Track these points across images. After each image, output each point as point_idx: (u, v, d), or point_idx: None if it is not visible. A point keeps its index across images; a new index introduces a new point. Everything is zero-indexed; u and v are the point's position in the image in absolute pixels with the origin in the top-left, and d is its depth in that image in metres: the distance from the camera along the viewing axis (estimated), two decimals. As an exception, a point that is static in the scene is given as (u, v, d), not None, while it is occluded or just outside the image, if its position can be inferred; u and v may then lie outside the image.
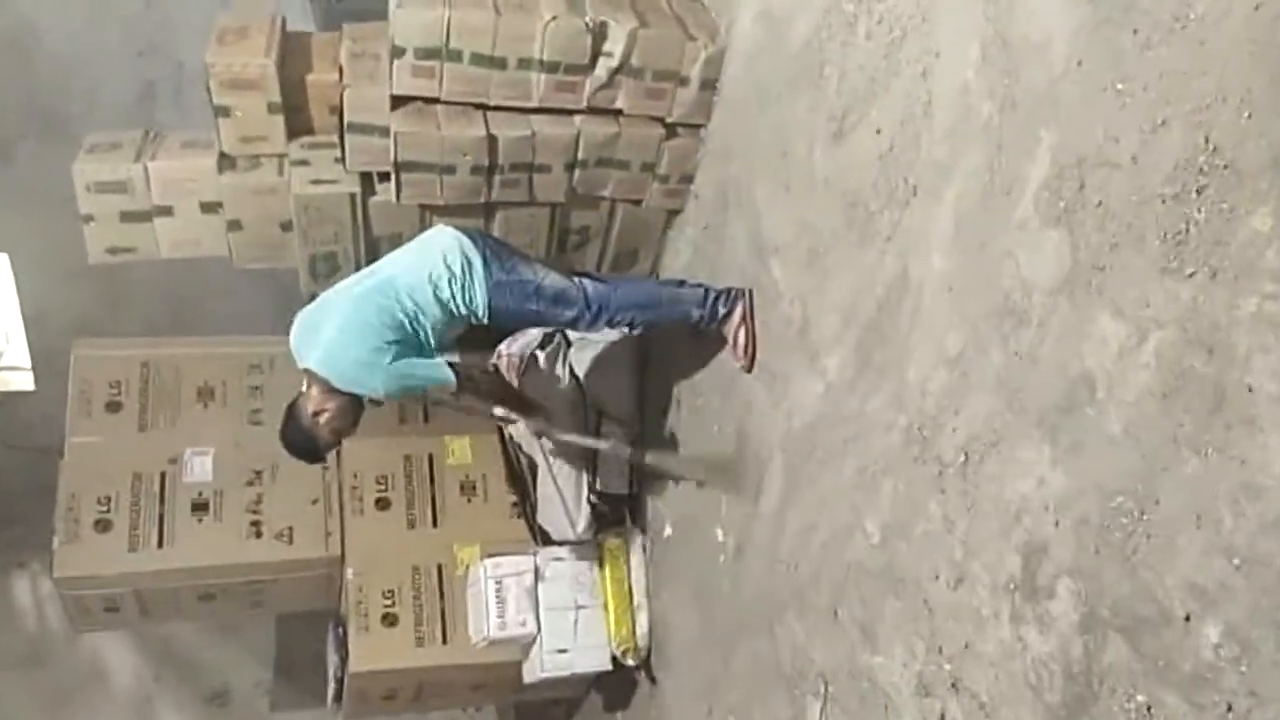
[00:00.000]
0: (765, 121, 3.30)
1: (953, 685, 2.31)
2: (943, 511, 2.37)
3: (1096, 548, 1.89)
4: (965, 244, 2.30)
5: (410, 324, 3.13)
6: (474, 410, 3.75)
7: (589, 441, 4.02)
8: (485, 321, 3.31)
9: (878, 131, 2.64)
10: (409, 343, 3.12)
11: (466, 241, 3.26)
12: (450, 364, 3.21)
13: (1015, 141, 2.13)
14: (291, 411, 3.25)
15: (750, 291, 3.39)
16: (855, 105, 2.75)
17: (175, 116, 5.42)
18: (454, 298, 3.19)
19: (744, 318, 3.39)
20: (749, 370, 3.40)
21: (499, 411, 3.64)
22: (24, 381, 6.50)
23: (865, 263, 2.70)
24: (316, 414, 3.18)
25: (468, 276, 3.20)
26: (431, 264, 3.18)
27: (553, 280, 3.32)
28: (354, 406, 3.20)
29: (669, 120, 3.73)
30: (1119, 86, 1.86)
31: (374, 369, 3.07)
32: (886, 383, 2.60)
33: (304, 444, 3.29)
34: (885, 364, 2.62)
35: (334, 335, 3.10)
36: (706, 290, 3.44)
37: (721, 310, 3.42)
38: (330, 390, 3.13)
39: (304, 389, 3.22)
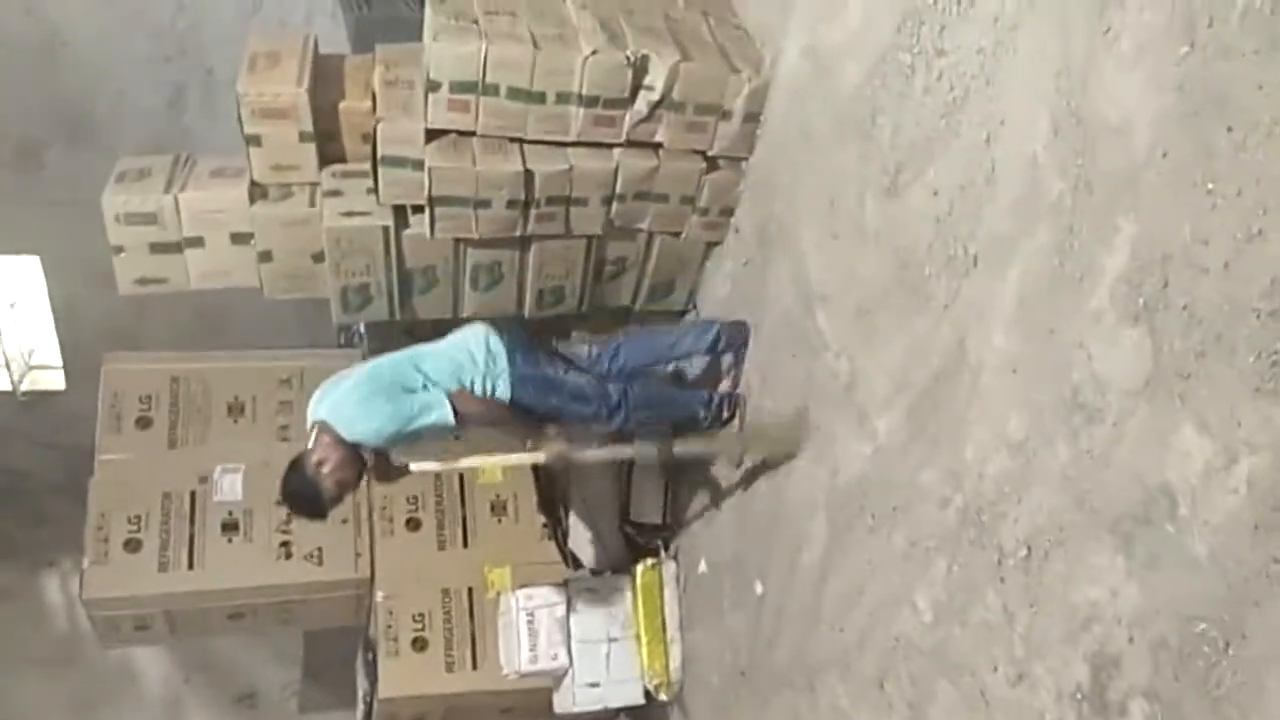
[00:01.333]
0: (812, 163, 3.18)
1: (1010, 787, 2.22)
2: (1002, 602, 2.27)
3: (1175, 674, 1.79)
4: (1030, 326, 2.19)
5: (423, 385, 3.30)
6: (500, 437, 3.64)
7: (611, 453, 3.75)
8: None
9: (935, 193, 2.52)
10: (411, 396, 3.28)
11: (494, 336, 3.49)
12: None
13: (1090, 226, 2.01)
14: (294, 463, 3.29)
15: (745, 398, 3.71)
16: (911, 161, 2.63)
17: (204, 123, 5.37)
18: (474, 383, 3.39)
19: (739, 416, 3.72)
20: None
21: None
22: (55, 381, 6.50)
23: (919, 328, 2.59)
24: (320, 464, 3.21)
25: (491, 367, 3.41)
26: (460, 357, 3.43)
27: (574, 379, 3.56)
28: (357, 459, 3.25)
29: (710, 153, 3.61)
30: (1209, 186, 1.74)
31: (377, 408, 3.21)
32: (940, 456, 2.50)
33: (307, 495, 3.28)
34: (939, 436, 2.51)
35: (348, 386, 3.29)
36: (710, 397, 3.75)
37: (724, 415, 3.72)
38: (336, 441, 3.21)
39: (310, 443, 3.27)
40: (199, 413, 4.85)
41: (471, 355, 3.41)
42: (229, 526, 4.68)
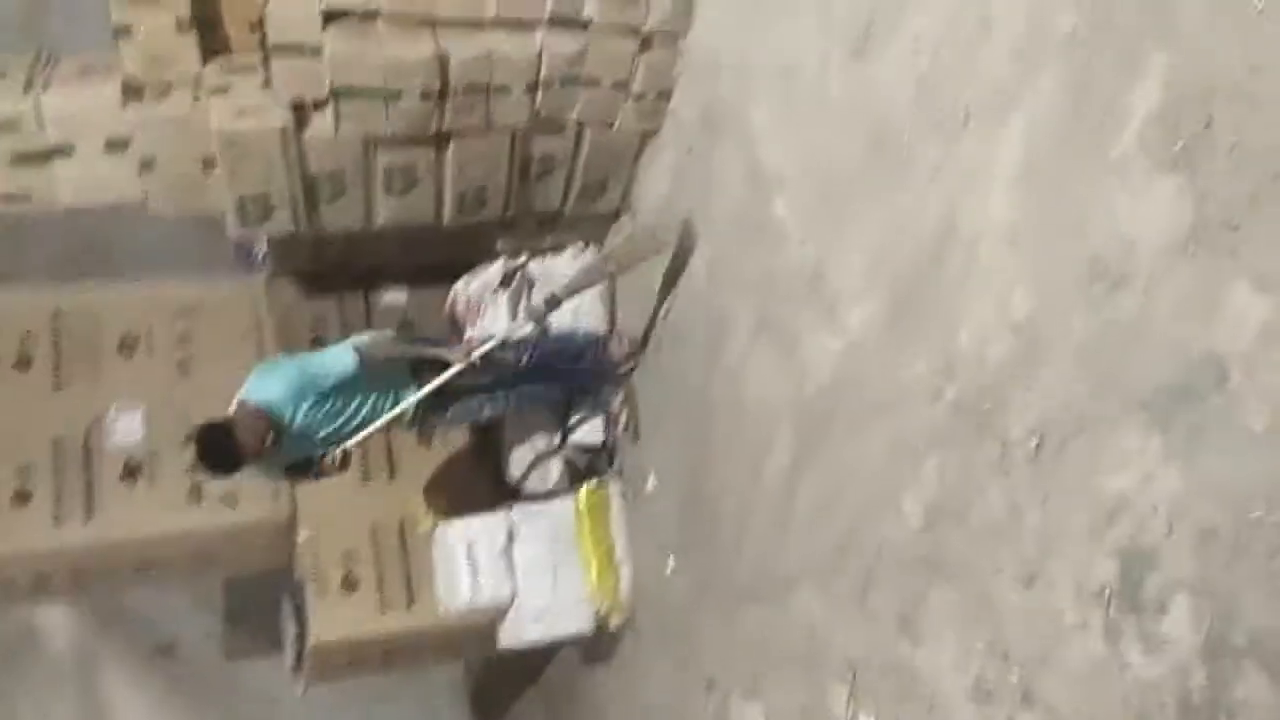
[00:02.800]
0: (761, 32, 2.87)
1: (1024, 697, 2.02)
2: (1008, 499, 2.05)
3: (1227, 564, 1.58)
4: (1036, 187, 1.93)
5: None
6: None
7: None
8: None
9: (914, 48, 2.24)
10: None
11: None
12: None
13: (1111, 62, 1.75)
14: (206, 421, 3.22)
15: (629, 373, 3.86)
16: (882, 14, 2.34)
17: (69, 28, 4.81)
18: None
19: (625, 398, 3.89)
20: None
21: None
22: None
23: (898, 204, 2.33)
24: (233, 415, 3.20)
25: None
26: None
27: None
28: (268, 417, 3.22)
29: (644, 30, 3.27)
30: (1259, 5, 1.48)
31: (282, 368, 3.29)
32: (928, 345, 2.25)
33: (222, 436, 3.16)
34: (926, 323, 2.26)
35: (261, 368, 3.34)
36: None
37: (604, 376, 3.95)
38: (249, 405, 3.22)
39: None
40: (87, 349, 4.41)
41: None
42: (131, 471, 4.28)
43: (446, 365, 3.46)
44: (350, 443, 3.51)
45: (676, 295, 3.51)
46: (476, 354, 3.44)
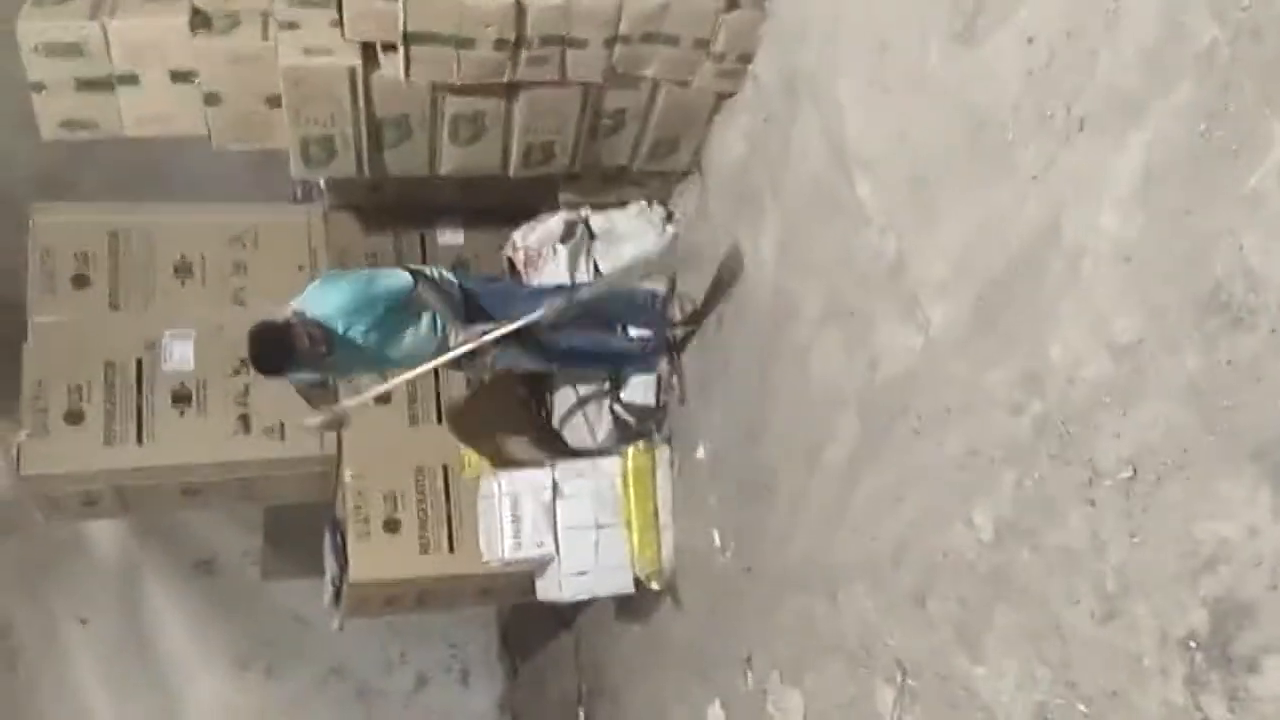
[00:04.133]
0: (858, 0, 2.72)
1: (1090, 733, 1.95)
2: (1091, 529, 1.95)
3: (1336, 635, 1.49)
4: (1157, 207, 1.81)
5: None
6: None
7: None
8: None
9: (1029, 39, 2.09)
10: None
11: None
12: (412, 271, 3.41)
13: (1255, 84, 1.61)
14: (264, 320, 3.23)
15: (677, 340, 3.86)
16: (995, -1, 2.19)
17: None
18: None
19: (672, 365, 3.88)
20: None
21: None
22: (-19, 235, 5.95)
23: (995, 203, 2.20)
24: (289, 320, 3.20)
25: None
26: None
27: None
28: (323, 330, 3.23)
29: (730, -13, 3.14)
30: None
31: (336, 283, 3.30)
32: (1015, 355, 2.15)
33: (278, 336, 3.16)
34: (1015, 332, 2.15)
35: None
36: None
37: (652, 347, 3.91)
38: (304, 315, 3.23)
39: None
40: (142, 272, 4.39)
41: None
42: (180, 397, 4.29)
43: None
44: (390, 384, 3.52)
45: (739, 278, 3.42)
46: (523, 322, 3.41)
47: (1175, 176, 1.77)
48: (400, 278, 3.36)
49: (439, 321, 3.50)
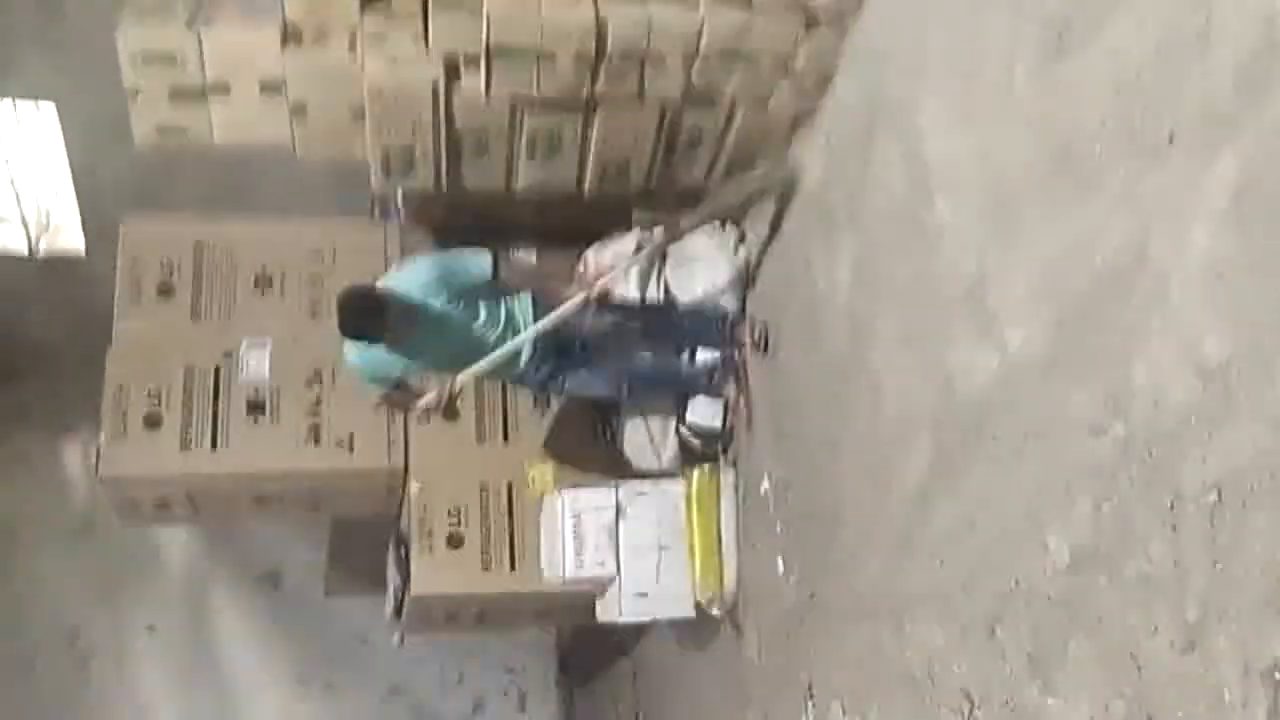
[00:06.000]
0: (940, 18, 2.70)
1: (1167, 768, 1.87)
2: (1173, 555, 1.89)
3: None
4: (1249, 223, 1.75)
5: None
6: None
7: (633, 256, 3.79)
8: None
9: (1117, 55, 2.06)
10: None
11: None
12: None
13: (1356, 96, 1.56)
14: (357, 284, 3.35)
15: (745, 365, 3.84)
16: (1084, 14, 2.16)
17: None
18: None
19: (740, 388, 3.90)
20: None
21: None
22: (74, 241, 6.14)
23: (1080, 221, 2.16)
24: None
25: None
26: None
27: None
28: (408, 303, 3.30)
29: (812, 7, 3.13)
30: None
31: (419, 259, 3.41)
32: (1099, 377, 2.09)
33: (370, 298, 3.25)
34: (1098, 353, 2.10)
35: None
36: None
37: (720, 374, 3.96)
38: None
39: None
40: (224, 283, 4.50)
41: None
42: (255, 406, 4.37)
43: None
44: (465, 375, 3.47)
45: (814, 287, 3.39)
46: (600, 284, 3.45)
47: (1268, 193, 1.72)
48: (480, 260, 3.39)
49: (516, 310, 3.53)
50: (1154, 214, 1.96)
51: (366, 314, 3.21)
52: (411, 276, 3.36)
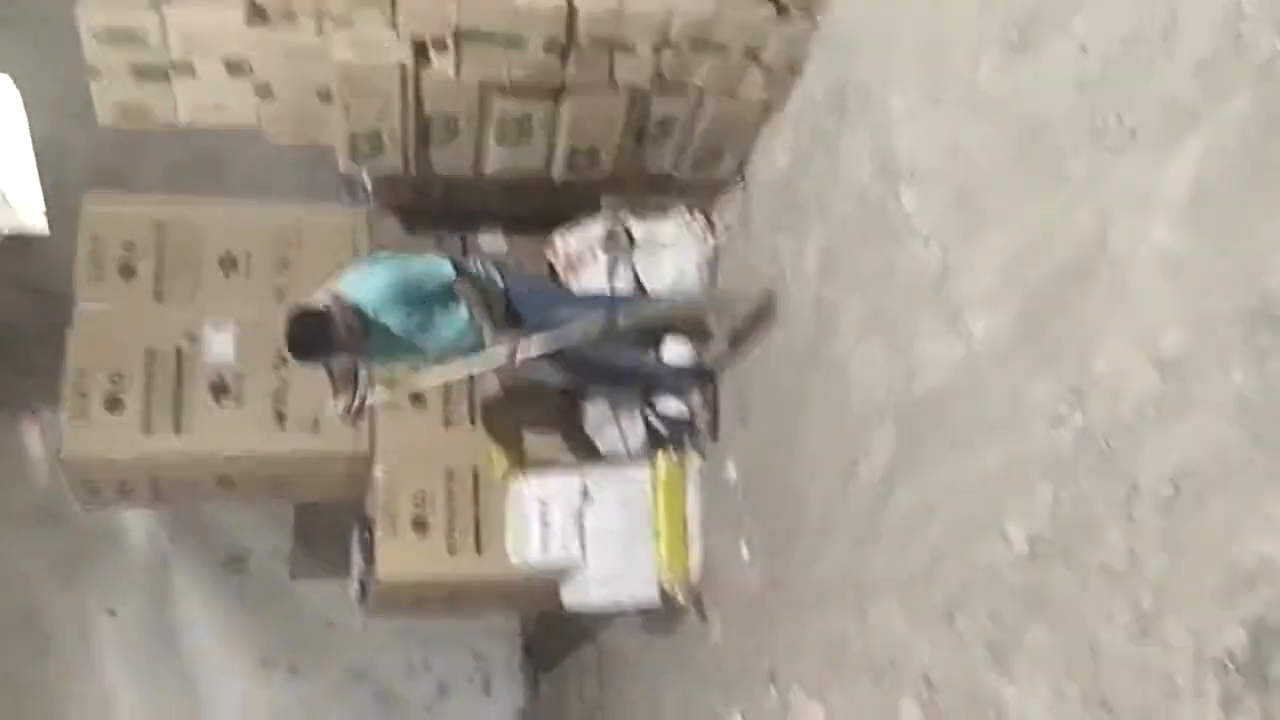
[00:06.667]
0: (911, 13, 2.71)
1: (1121, 754, 1.90)
2: (1129, 545, 1.92)
3: (1383, 659, 1.45)
4: (1209, 218, 1.78)
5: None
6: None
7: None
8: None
9: (1082, 48, 2.08)
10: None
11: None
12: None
13: (1315, 95, 1.59)
14: (303, 305, 3.25)
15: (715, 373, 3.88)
16: (1050, 8, 2.18)
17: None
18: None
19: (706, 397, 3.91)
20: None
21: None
22: (36, 221, 6.03)
23: (1043, 214, 2.18)
24: (327, 304, 3.21)
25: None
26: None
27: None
28: (361, 315, 3.25)
29: (782, -1, 3.15)
30: None
31: (374, 269, 3.31)
32: (1059, 368, 2.12)
33: (316, 325, 3.19)
34: (1060, 345, 2.12)
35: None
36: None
37: (689, 378, 3.93)
38: (342, 300, 3.23)
39: None
40: (188, 264, 4.44)
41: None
42: (218, 389, 4.32)
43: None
44: (425, 382, 3.60)
45: (781, 276, 3.41)
46: (555, 345, 3.41)
47: (1228, 187, 1.74)
48: (441, 266, 3.38)
49: (472, 333, 3.50)
50: (1115, 207, 1.99)
51: (314, 342, 3.20)
52: (367, 284, 3.30)
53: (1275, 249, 1.64)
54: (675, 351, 3.95)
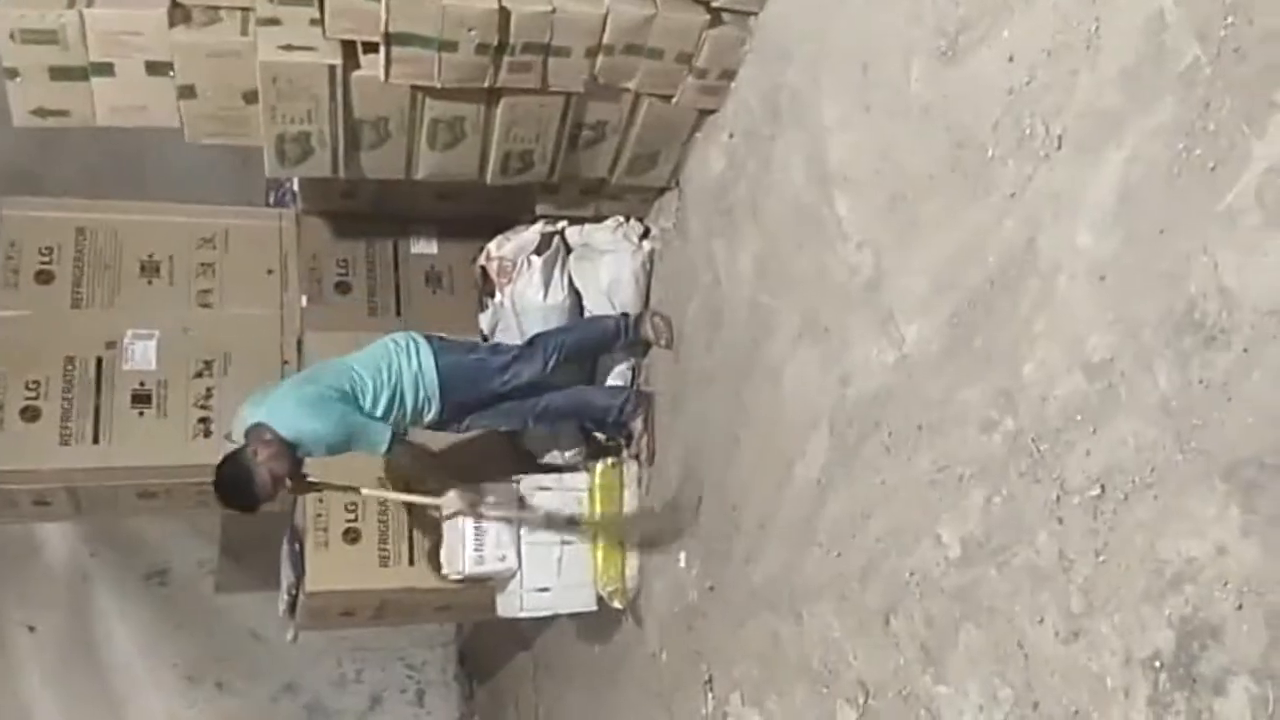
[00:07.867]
0: (842, 20, 2.73)
1: (1052, 754, 1.93)
2: (1058, 546, 1.95)
3: (1302, 654, 1.48)
4: (1133, 225, 1.81)
5: (355, 390, 3.32)
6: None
7: (513, 514, 3.89)
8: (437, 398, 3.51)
9: (1010, 58, 2.11)
10: (350, 403, 3.30)
11: (411, 335, 3.55)
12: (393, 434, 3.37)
13: (1235, 103, 1.63)
14: (229, 455, 3.21)
15: (652, 397, 3.86)
16: (978, 18, 2.21)
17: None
18: (403, 377, 3.43)
19: (645, 425, 3.87)
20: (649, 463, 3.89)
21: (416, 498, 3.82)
22: (-53, 227, 5.83)
23: (973, 221, 2.21)
24: (255, 452, 3.13)
25: (416, 356, 3.48)
26: (386, 355, 3.46)
27: (496, 357, 3.70)
28: (292, 454, 3.19)
29: (715, 3, 3.14)
30: None
31: (317, 411, 3.20)
32: (990, 373, 2.14)
33: (241, 482, 3.15)
34: (990, 350, 2.15)
35: (285, 389, 3.30)
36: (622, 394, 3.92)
37: (629, 409, 3.87)
38: (274, 437, 3.14)
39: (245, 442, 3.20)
40: (108, 270, 4.30)
41: (395, 348, 3.46)
42: (140, 398, 4.19)
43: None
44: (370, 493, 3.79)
45: (717, 281, 3.41)
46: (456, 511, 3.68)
47: (1152, 194, 1.78)
48: (380, 440, 3.33)
49: (414, 402, 3.48)
50: (1044, 214, 2.02)
51: (241, 493, 3.18)
52: (313, 425, 3.18)
53: (1197, 254, 1.68)
54: (615, 371, 3.98)
